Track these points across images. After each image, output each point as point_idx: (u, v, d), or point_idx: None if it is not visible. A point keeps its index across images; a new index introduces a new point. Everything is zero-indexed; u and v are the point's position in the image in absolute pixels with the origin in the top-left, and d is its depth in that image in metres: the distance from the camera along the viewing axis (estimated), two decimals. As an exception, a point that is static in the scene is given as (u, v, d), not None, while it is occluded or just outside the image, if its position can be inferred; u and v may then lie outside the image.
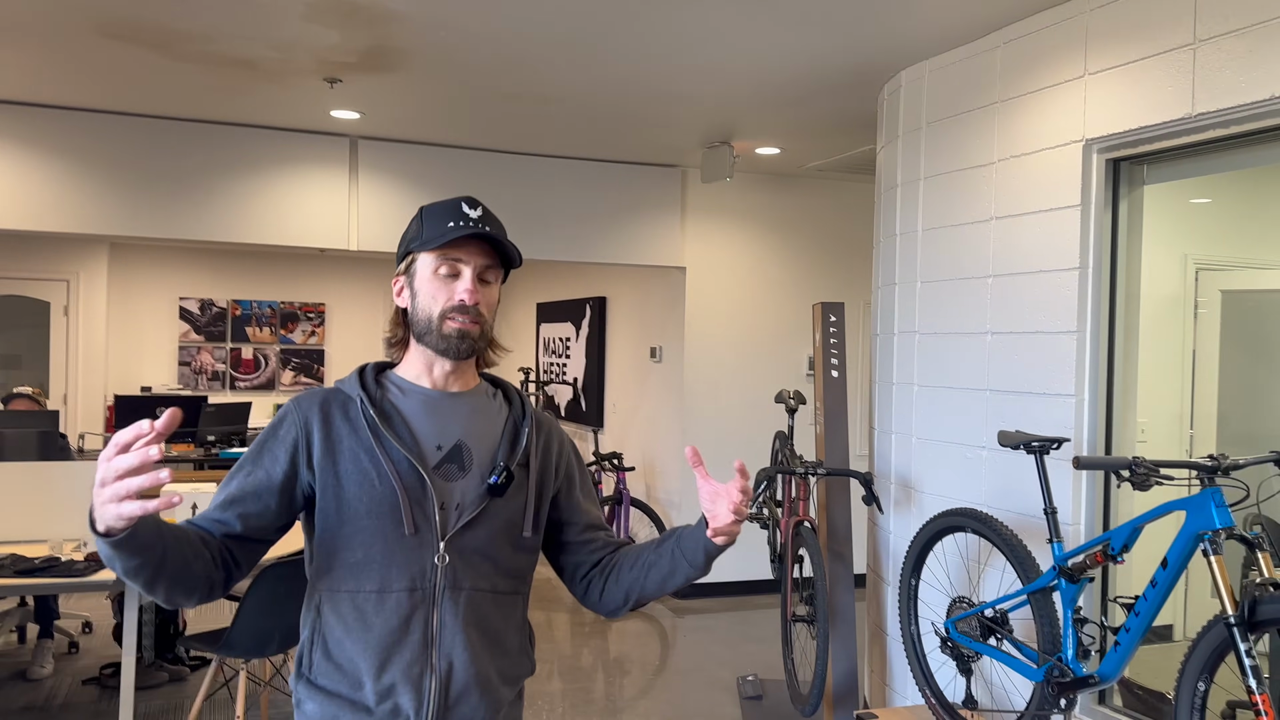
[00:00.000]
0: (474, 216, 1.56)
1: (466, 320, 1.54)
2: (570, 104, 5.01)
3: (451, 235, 1.51)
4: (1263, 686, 2.19)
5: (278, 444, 1.54)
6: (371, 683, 1.47)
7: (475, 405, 1.62)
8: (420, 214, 1.60)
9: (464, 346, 1.54)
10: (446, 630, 1.50)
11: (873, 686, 4.34)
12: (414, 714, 1.48)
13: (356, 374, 1.61)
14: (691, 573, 1.55)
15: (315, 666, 1.51)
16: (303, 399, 1.57)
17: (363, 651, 1.48)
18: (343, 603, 1.50)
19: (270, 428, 1.56)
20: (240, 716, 3.79)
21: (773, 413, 6.81)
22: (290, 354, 10.29)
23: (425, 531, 1.50)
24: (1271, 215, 5.09)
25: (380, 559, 1.49)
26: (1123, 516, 3.29)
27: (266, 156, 5.69)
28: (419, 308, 1.56)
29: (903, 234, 4.16)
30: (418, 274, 1.57)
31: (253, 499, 1.51)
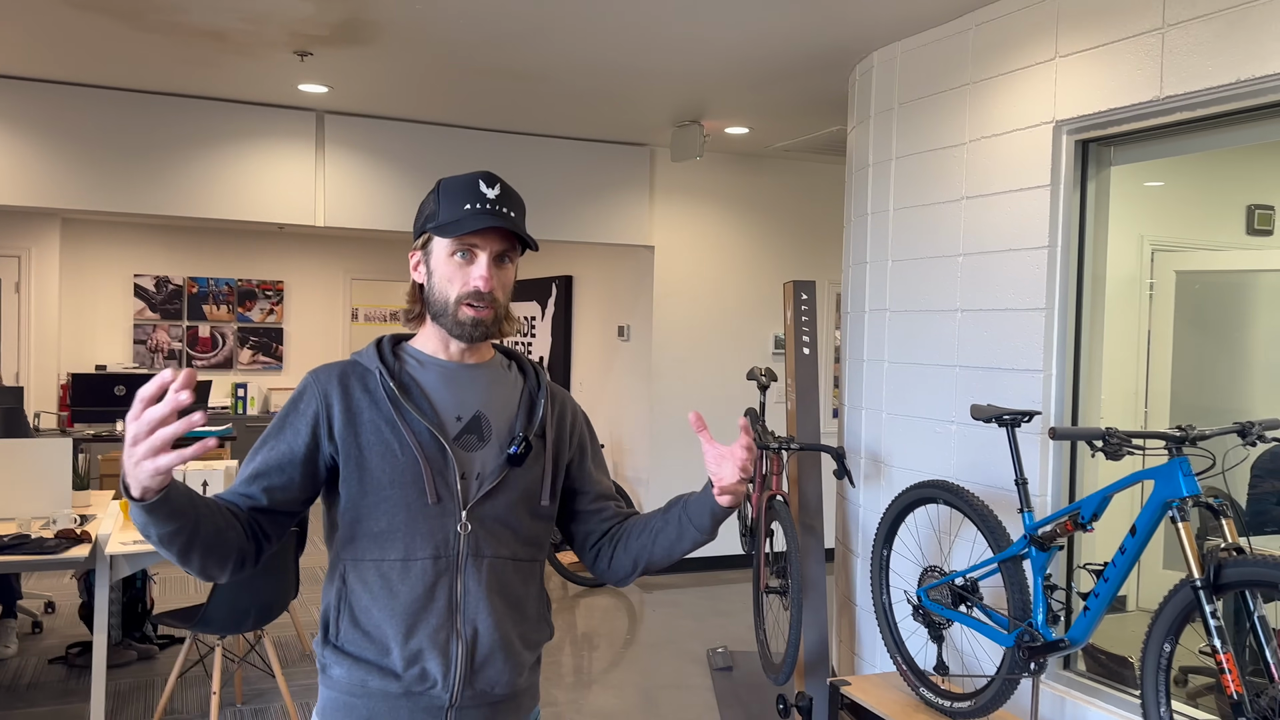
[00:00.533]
0: (491, 197, 1.55)
1: (481, 307, 1.55)
2: (541, 80, 5.00)
3: (468, 226, 1.51)
4: (1226, 646, 2.29)
5: (299, 417, 1.55)
6: (399, 649, 1.50)
7: (492, 377, 1.64)
8: (438, 190, 1.59)
9: (477, 333, 1.56)
10: (470, 597, 1.53)
11: (841, 656, 4.44)
12: (441, 678, 1.51)
13: (374, 346, 1.62)
14: (699, 537, 1.59)
15: (343, 633, 1.53)
16: (320, 372, 1.58)
17: (389, 618, 1.50)
18: (368, 571, 1.52)
19: (290, 401, 1.57)
20: (216, 693, 3.79)
21: (741, 391, 6.89)
22: (248, 332, 10.16)
23: (448, 501, 1.52)
24: (1222, 198, 5.24)
25: (404, 528, 1.51)
26: (1087, 487, 3.40)
27: (229, 130, 5.61)
28: (435, 288, 1.57)
29: (874, 213, 4.23)
30: (434, 254, 1.57)
31: (276, 472, 1.52)
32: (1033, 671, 2.94)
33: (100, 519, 4.23)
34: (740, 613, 5.91)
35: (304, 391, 1.57)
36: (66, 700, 4.22)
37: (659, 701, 4.45)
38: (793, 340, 4.40)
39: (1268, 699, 2.22)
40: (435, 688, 1.51)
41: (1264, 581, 2.23)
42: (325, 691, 1.56)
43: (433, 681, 1.51)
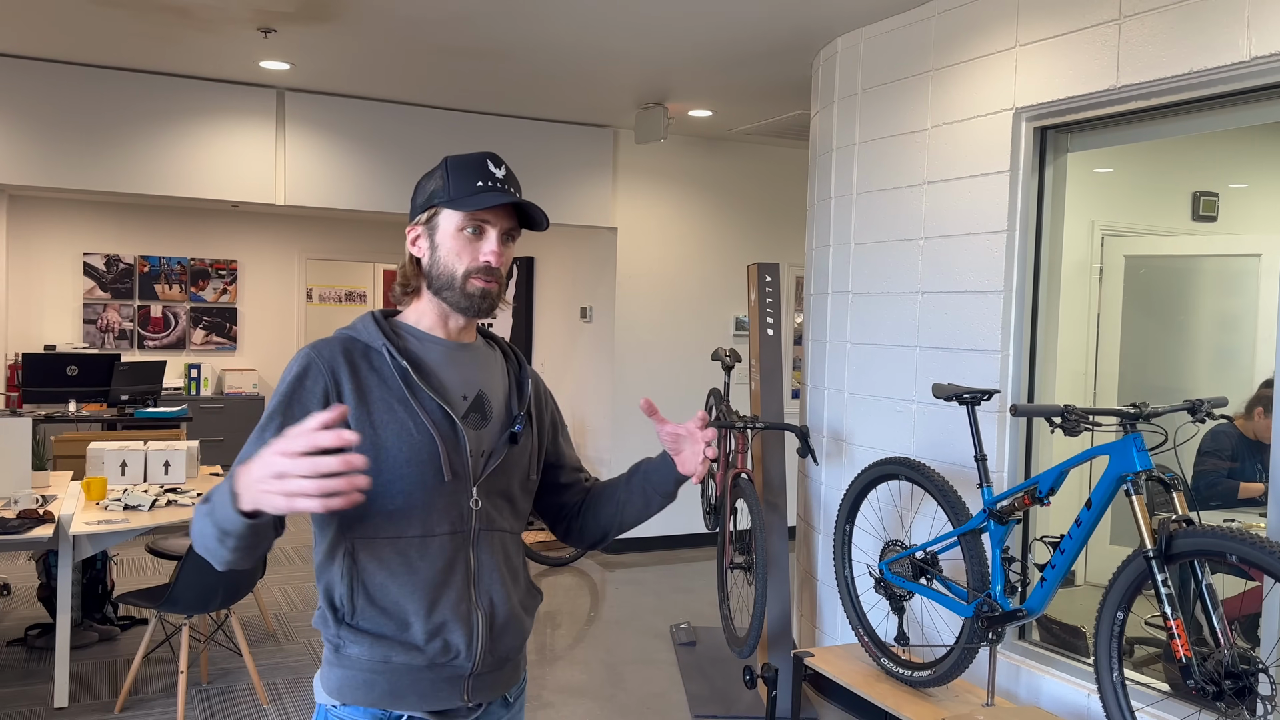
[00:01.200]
0: (500, 176, 1.59)
1: (491, 281, 1.59)
2: (505, 60, 5.00)
3: (485, 203, 1.54)
4: (1177, 613, 2.41)
5: (306, 395, 1.52)
6: (420, 623, 1.52)
7: (485, 357, 1.69)
8: (445, 167, 1.61)
9: (485, 305, 1.60)
10: (485, 569, 1.58)
11: (802, 629, 4.55)
12: (464, 649, 1.55)
13: (371, 322, 1.61)
14: (664, 502, 1.73)
15: (358, 611, 1.53)
16: (321, 347, 1.56)
17: (410, 594, 1.52)
18: (383, 549, 1.52)
19: (293, 380, 1.53)
20: (183, 672, 3.78)
21: (703, 372, 6.97)
22: (201, 312, 10.01)
23: (462, 477, 1.56)
24: (1169, 185, 5.41)
25: (421, 505, 1.53)
26: (1042, 464, 3.52)
27: (186, 107, 5.53)
28: (440, 262, 1.59)
29: (837, 197, 4.31)
30: (440, 228, 1.59)
31: None
32: (991, 641, 3.05)
33: (61, 499, 4.18)
34: (702, 589, 6.00)
35: (308, 368, 1.53)
36: (28, 682, 4.18)
37: (624, 676, 4.52)
38: (757, 321, 4.47)
39: (1213, 663, 2.33)
40: (459, 658, 1.54)
41: (1212, 551, 2.34)
42: (339, 671, 1.55)
43: (456, 652, 1.54)
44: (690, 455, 1.65)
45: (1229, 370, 4.99)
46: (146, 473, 4.67)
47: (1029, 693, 3.36)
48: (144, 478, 4.67)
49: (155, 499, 4.19)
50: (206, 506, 1.38)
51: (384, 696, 1.53)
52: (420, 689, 1.54)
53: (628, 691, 4.34)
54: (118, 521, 3.84)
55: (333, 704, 1.56)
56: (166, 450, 4.71)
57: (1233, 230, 5.50)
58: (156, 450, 4.69)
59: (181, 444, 4.77)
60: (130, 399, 7.29)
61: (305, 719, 3.93)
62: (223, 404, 9.59)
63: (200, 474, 4.96)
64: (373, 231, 10.79)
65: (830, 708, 4.21)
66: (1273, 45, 2.63)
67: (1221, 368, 5.04)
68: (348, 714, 1.55)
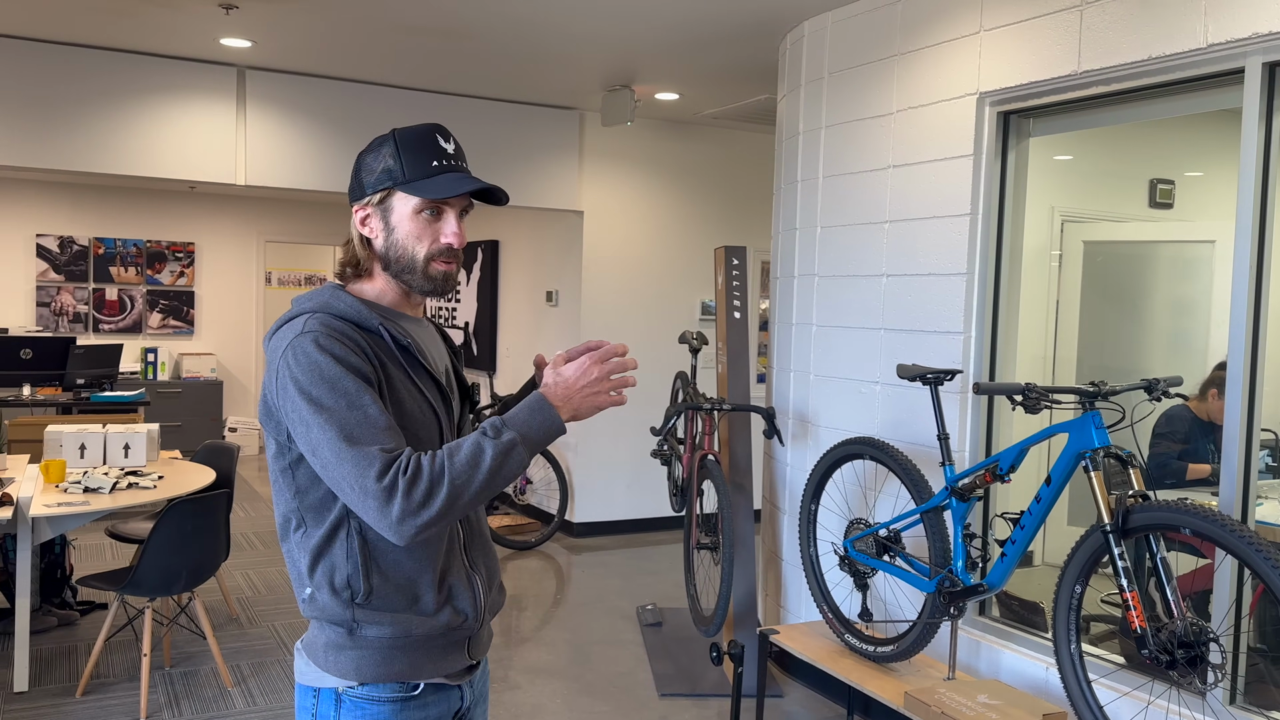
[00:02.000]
0: (452, 153, 1.57)
1: (452, 262, 1.59)
2: (471, 39, 4.97)
3: (450, 190, 1.52)
4: (1133, 585, 2.48)
5: (359, 370, 1.47)
6: (431, 593, 1.54)
7: (433, 332, 1.74)
8: (395, 144, 1.55)
9: (448, 287, 1.60)
10: (473, 534, 1.65)
11: (767, 608, 4.60)
12: (471, 611, 1.60)
13: (352, 300, 1.55)
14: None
15: (374, 592, 1.51)
16: (323, 322, 1.49)
17: (425, 568, 1.54)
18: None
19: (337, 358, 1.45)
20: (147, 655, 3.75)
21: (670, 355, 6.99)
22: (158, 295, 9.86)
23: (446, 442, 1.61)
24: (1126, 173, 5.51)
25: None
26: (1002, 442, 3.58)
27: (144, 84, 5.43)
28: (397, 245, 1.56)
29: (804, 180, 4.34)
30: (395, 210, 1.55)
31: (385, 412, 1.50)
32: (952, 615, 3.11)
33: (19, 482, 4.12)
34: (667, 571, 6.04)
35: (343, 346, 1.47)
36: (-16, 667, 4.13)
37: (591, 656, 4.55)
38: (724, 304, 4.50)
39: (1167, 633, 2.40)
40: (468, 620, 1.59)
41: (1167, 524, 2.41)
42: (355, 653, 1.53)
43: (464, 615, 1.59)
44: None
45: (1184, 354, 5.11)
46: (106, 456, 4.61)
47: (989, 667, 3.43)
48: (103, 460, 4.61)
49: (116, 482, 4.14)
50: (501, 442, 1.42)
51: (404, 670, 1.54)
52: (435, 656, 1.57)
53: (594, 671, 4.37)
54: (78, 504, 3.79)
55: (349, 685, 1.54)
56: (126, 433, 4.65)
57: (1188, 217, 5.62)
58: (116, 433, 4.63)
59: (142, 427, 4.71)
60: (86, 383, 7.17)
61: (271, 701, 3.91)
62: (180, 388, 9.46)
63: (160, 458, 4.90)
64: (333, 214, 10.67)
65: (794, 685, 4.27)
66: (1229, 33, 2.69)
67: (1176, 352, 5.16)
68: (367, 693, 1.54)
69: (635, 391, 6.86)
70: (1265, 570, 2.19)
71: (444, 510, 1.40)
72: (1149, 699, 2.90)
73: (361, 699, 1.54)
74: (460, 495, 1.40)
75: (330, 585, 1.52)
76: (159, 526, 3.69)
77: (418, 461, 1.40)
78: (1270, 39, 2.62)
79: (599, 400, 1.48)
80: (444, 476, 1.39)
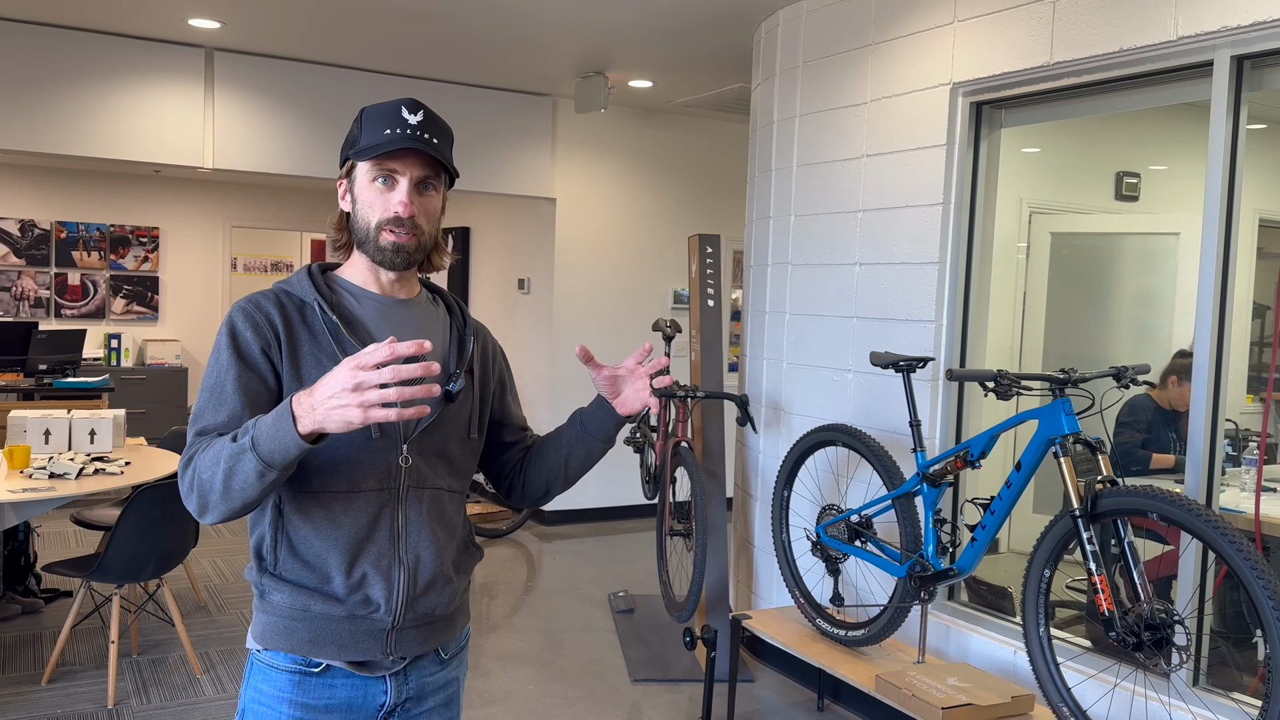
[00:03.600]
0: (413, 123, 1.54)
1: (402, 233, 1.54)
2: (443, 23, 4.93)
3: (385, 147, 1.51)
4: (1101, 569, 2.52)
5: (249, 347, 1.50)
6: (341, 577, 1.52)
7: (424, 313, 1.66)
8: (360, 116, 1.58)
9: (399, 260, 1.56)
10: (412, 526, 1.57)
11: (738, 594, 4.63)
12: (384, 602, 1.54)
13: (305, 276, 1.59)
14: (605, 448, 1.72)
15: (281, 563, 1.54)
16: (256, 299, 1.54)
17: (332, 549, 1.52)
18: (308, 503, 1.52)
19: (229, 335, 1.51)
20: (114, 642, 3.71)
21: (642, 342, 6.99)
22: (121, 280, 9.70)
23: (390, 434, 1.54)
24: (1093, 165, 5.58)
25: (347, 461, 1.52)
26: (972, 429, 3.63)
27: (109, 65, 5.34)
28: (358, 215, 1.57)
29: (778, 169, 4.36)
30: (357, 181, 1.57)
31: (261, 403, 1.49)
32: (923, 600, 3.15)
33: (-19, 468, 4.05)
34: (639, 559, 6.06)
35: (244, 319, 1.52)
36: (-54, 656, 4.06)
37: (563, 643, 4.55)
38: (697, 292, 4.51)
39: (1134, 616, 2.45)
40: (378, 611, 1.54)
41: (1135, 509, 2.46)
42: (263, 617, 1.57)
43: (375, 606, 1.54)
44: (632, 394, 1.65)
45: (1148, 344, 5.19)
46: (71, 441, 4.54)
47: (958, 651, 3.48)
48: (68, 446, 4.54)
49: (82, 468, 4.08)
50: (237, 445, 1.35)
51: (303, 644, 1.54)
52: (340, 639, 1.54)
53: (567, 658, 4.37)
54: (44, 490, 3.73)
55: (258, 649, 1.59)
56: (92, 419, 4.58)
57: (1153, 210, 5.71)
58: (81, 418, 4.56)
59: (107, 412, 4.64)
60: (48, 369, 7.05)
61: (239, 688, 3.88)
62: (145, 375, 9.33)
63: (126, 445, 4.83)
64: (301, 199, 10.56)
65: (766, 670, 4.31)
66: (1198, 26, 2.73)
67: (1140, 342, 5.24)
68: (269, 658, 1.57)
69: (607, 379, 6.84)
70: (1230, 554, 2.24)
71: (199, 506, 1.42)
72: (1115, 681, 2.96)
73: (265, 665, 1.58)
74: (207, 492, 1.40)
75: (256, 550, 1.57)
76: (127, 513, 3.65)
77: (197, 450, 1.42)
78: (1238, 32, 2.66)
79: (348, 415, 1.27)
80: (195, 470, 1.41)
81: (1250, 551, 2.21)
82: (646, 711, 3.85)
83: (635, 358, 1.66)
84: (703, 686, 3.88)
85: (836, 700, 3.97)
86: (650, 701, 3.94)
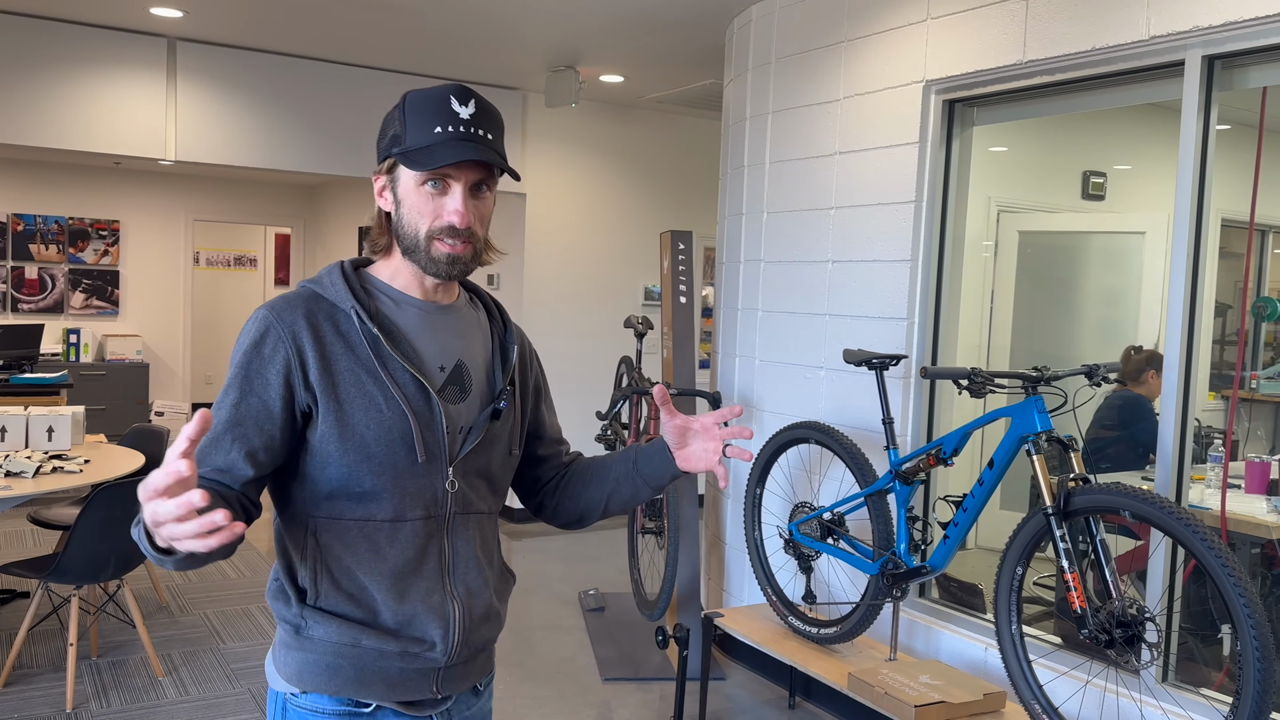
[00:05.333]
0: (465, 117, 1.37)
1: (457, 244, 1.39)
2: (412, 15, 4.87)
3: (442, 160, 1.34)
4: (1073, 566, 2.53)
5: (265, 365, 1.36)
6: (389, 612, 1.40)
7: (466, 320, 1.52)
8: (403, 105, 1.41)
9: (455, 271, 1.41)
10: (459, 557, 1.46)
11: (710, 592, 4.62)
12: (440, 642, 1.43)
13: (340, 277, 1.43)
14: (653, 495, 1.58)
15: (323, 596, 1.40)
16: (281, 308, 1.38)
17: (377, 582, 1.40)
18: (349, 531, 1.40)
19: (250, 347, 1.37)
20: (73, 644, 3.62)
21: (613, 339, 6.97)
22: (81, 275, 9.51)
23: (436, 457, 1.42)
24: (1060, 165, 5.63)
25: (391, 488, 1.39)
26: (943, 427, 3.63)
27: (68, 54, 5.22)
28: (404, 221, 1.41)
29: (750, 166, 4.34)
30: (401, 181, 1.40)
31: (255, 432, 1.35)
32: (895, 597, 3.15)
33: (-67, 466, 3.93)
34: (609, 557, 6.03)
35: (265, 333, 1.37)
36: (-103, 660, 3.95)
37: (533, 642, 4.52)
38: (669, 289, 4.49)
39: (1105, 613, 2.46)
40: (434, 650, 1.43)
41: (1107, 507, 2.46)
42: (299, 655, 1.42)
43: (430, 644, 1.42)
44: (700, 452, 1.50)
45: (1114, 342, 5.24)
46: (28, 439, 4.43)
47: (929, 648, 3.49)
48: (25, 444, 4.43)
49: (40, 465, 3.98)
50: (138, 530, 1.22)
51: (349, 684, 1.40)
52: (389, 678, 1.42)
53: (537, 658, 4.34)
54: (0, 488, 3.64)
55: (292, 692, 1.43)
56: (50, 415, 4.47)
57: (1119, 209, 5.77)
58: (39, 415, 4.45)
59: (66, 409, 4.53)
60: (5, 364, 6.90)
61: (204, 690, 3.81)
62: (105, 371, 9.16)
63: (86, 442, 4.73)
64: (264, 192, 10.41)
65: (737, 668, 4.30)
66: (1170, 25, 2.75)
67: (1107, 340, 5.30)
68: (310, 703, 1.42)
69: (580, 377, 6.82)
70: (1201, 551, 2.25)
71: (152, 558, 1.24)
72: (1086, 678, 2.98)
73: (306, 710, 1.42)
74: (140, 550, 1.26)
75: (289, 578, 1.42)
76: (86, 512, 3.56)
77: None
78: (1209, 32, 2.68)
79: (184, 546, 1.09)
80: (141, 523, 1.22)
81: (1221, 548, 2.23)
82: (617, 710, 3.82)
83: (716, 416, 1.50)
84: (674, 685, 3.86)
85: (808, 698, 3.97)
86: (621, 700, 3.92)
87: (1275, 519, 3.40)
